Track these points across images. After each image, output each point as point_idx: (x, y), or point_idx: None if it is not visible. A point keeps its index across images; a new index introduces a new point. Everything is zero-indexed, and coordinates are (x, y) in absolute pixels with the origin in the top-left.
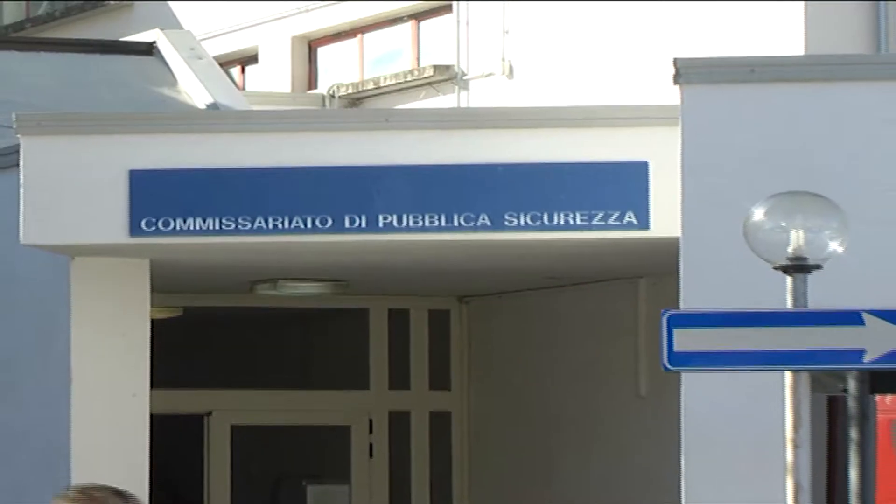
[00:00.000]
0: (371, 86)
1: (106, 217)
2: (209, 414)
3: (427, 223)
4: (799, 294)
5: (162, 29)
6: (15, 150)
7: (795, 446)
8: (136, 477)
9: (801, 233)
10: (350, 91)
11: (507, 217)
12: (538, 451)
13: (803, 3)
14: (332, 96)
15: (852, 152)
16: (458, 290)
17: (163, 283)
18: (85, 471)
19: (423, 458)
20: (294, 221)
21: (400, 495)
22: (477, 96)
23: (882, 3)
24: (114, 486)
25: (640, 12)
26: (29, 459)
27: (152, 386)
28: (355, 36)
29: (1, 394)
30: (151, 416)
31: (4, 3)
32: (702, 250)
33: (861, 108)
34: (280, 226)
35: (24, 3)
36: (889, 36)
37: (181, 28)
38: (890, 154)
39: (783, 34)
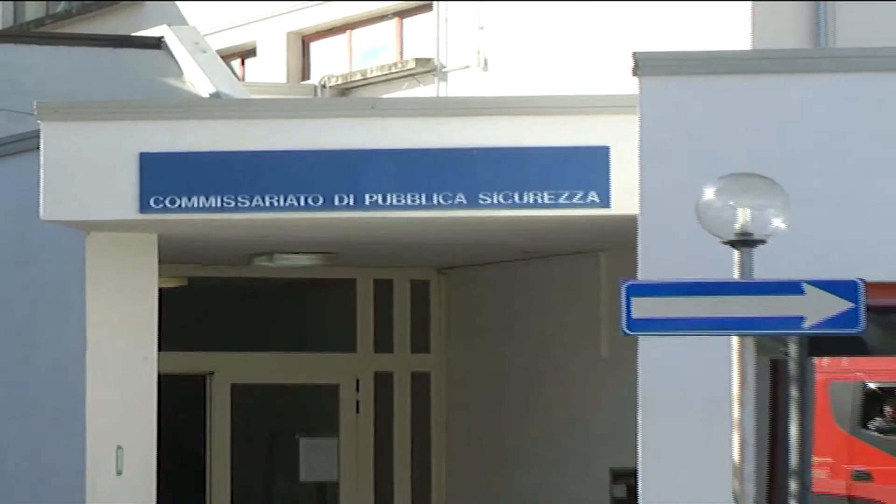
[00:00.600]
0: (359, 77)
1: (118, 195)
2: (211, 374)
3: (409, 201)
4: (745, 266)
5: (169, 25)
6: (35, 135)
7: (741, 404)
8: (145, 432)
9: (747, 211)
10: (340, 82)
11: (481, 196)
12: (510, 408)
13: (750, 3)
14: (324, 86)
15: (795, 138)
16: (437, 262)
17: (169, 255)
18: (98, 428)
19: (404, 415)
20: (288, 199)
21: (383, 447)
22: (455, 87)
23: (821, 2)
24: None
25: (602, 10)
26: (46, 418)
27: (160, 349)
28: (345, 32)
29: (21, 358)
30: (159, 376)
31: (26, 1)
32: (658, 226)
33: (804, 98)
34: (275, 203)
35: (44, 1)
36: (828, 34)
37: (187, 24)
38: (828, 140)
39: (732, 31)
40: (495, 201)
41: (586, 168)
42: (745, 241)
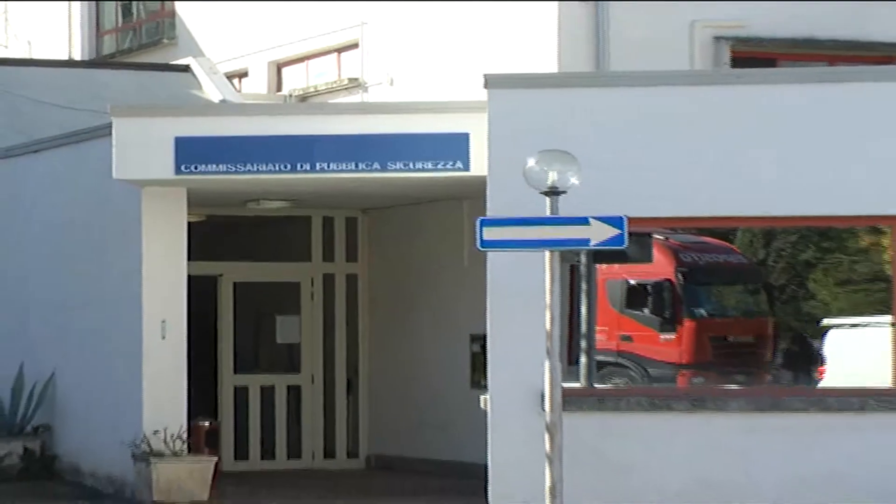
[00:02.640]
0: (312, 90)
1: (161, 163)
2: (221, 275)
3: (344, 168)
4: (553, 207)
5: (193, 57)
6: (109, 126)
7: (551, 293)
8: (179, 311)
9: (554, 173)
10: (300, 93)
11: (389, 164)
12: (407, 297)
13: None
14: (290, 96)
15: (584, 127)
16: (362, 205)
17: (194, 200)
18: (150, 309)
19: (342, 301)
20: (268, 166)
21: (328, 322)
22: (373, 96)
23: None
24: None
25: (460, 44)
26: (115, 304)
27: (189, 259)
28: (304, 61)
29: (99, 267)
30: (189, 276)
31: (105, 39)
32: (499, 183)
33: (589, 101)
34: (260, 169)
35: (115, 39)
36: (608, 46)
37: (204, 56)
38: (605, 128)
39: (543, 42)
40: (398, 167)
41: (454, 147)
42: (553, 192)
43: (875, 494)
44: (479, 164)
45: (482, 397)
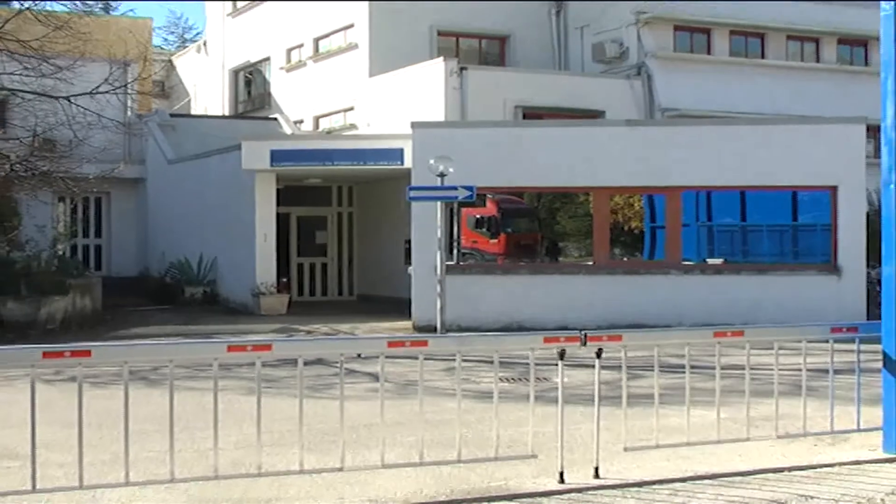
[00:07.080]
0: (333, 129)
1: (264, 161)
2: (289, 213)
3: (347, 164)
4: (442, 182)
5: (279, 113)
6: (239, 145)
7: (441, 220)
8: (271, 229)
9: (442, 166)
10: (327, 130)
11: (368, 162)
12: (375, 222)
13: (443, 98)
14: (323, 131)
15: (458, 144)
16: (356, 181)
17: (280, 178)
18: (259, 229)
19: (346, 224)
20: (312, 163)
21: (340, 233)
22: (361, 131)
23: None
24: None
25: (401, 106)
26: (242, 226)
27: (277, 205)
28: (329, 116)
29: (236, 210)
30: (277, 214)
31: (240, 104)
32: (418, 171)
33: (460, 132)
34: (309, 164)
35: (245, 105)
36: (468, 110)
37: (284, 113)
38: (467, 144)
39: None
40: (371, 164)
41: (397, 154)
42: (441, 175)
43: (584, 312)
44: (408, 162)
45: (409, 268)
